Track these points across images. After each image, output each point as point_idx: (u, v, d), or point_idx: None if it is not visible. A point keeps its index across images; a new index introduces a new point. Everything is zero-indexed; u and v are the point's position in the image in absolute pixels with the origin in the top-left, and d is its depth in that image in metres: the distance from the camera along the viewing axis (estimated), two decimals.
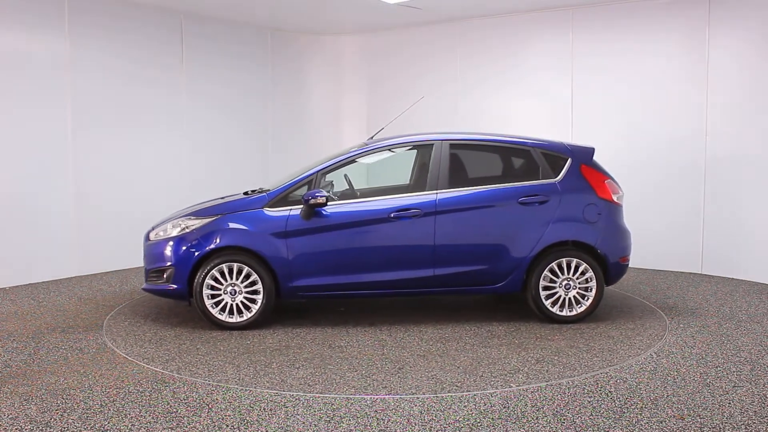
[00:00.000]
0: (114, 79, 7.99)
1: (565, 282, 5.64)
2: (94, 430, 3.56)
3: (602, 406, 3.87)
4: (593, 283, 5.63)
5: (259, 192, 5.88)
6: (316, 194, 5.45)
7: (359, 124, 10.37)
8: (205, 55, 8.99)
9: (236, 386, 4.20)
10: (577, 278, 5.64)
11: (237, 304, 5.52)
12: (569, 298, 5.65)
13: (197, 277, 5.48)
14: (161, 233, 5.76)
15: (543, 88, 8.66)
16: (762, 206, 7.21)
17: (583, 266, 5.62)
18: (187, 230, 5.60)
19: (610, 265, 5.70)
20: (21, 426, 3.61)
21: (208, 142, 9.11)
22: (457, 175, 5.79)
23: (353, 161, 5.84)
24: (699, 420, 3.66)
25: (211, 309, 5.50)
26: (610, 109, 8.22)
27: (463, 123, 9.14)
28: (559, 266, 5.64)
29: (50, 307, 6.29)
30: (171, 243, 5.60)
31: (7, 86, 7.08)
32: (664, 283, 7.28)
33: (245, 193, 6.00)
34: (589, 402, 3.93)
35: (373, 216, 5.59)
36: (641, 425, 3.60)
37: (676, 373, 4.41)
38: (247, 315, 5.53)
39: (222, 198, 6.22)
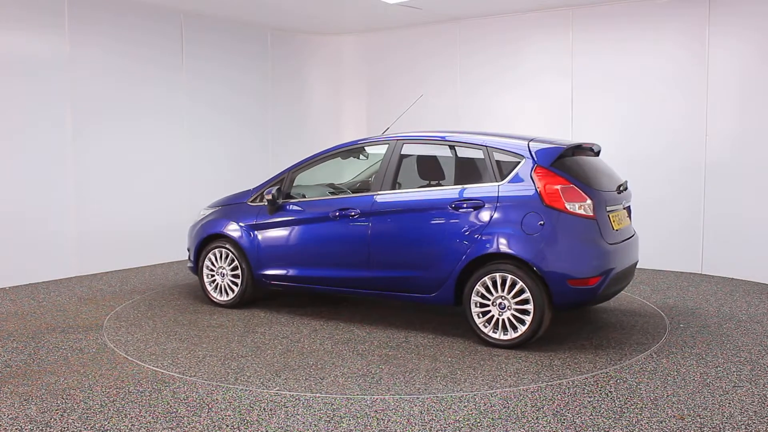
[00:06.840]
0: (114, 79, 7.98)
1: (499, 300, 4.90)
2: (94, 430, 3.56)
3: (602, 406, 3.87)
4: (530, 306, 4.81)
5: None
6: (269, 192, 5.92)
7: (359, 124, 10.37)
8: (205, 55, 8.98)
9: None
10: (513, 297, 4.86)
11: (224, 286, 6.24)
12: (503, 320, 4.91)
13: (200, 259, 6.37)
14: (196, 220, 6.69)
15: (543, 88, 8.65)
16: (762, 206, 7.20)
17: (520, 284, 4.82)
18: (202, 218, 6.53)
19: (551, 285, 4.77)
20: (21, 426, 3.61)
21: (208, 142, 9.11)
22: (403, 176, 5.58)
23: (323, 161, 6.00)
24: (699, 420, 3.66)
25: (208, 287, 6.34)
26: (610, 109, 8.21)
27: (464, 123, 9.15)
28: (493, 282, 4.92)
29: (50, 307, 6.29)
30: (192, 229, 6.59)
31: (7, 86, 7.07)
32: (664, 283, 7.28)
33: None
34: (589, 402, 3.93)
35: (319, 214, 5.75)
36: (641, 425, 3.60)
37: (676, 373, 4.41)
38: (231, 295, 6.21)
39: None
